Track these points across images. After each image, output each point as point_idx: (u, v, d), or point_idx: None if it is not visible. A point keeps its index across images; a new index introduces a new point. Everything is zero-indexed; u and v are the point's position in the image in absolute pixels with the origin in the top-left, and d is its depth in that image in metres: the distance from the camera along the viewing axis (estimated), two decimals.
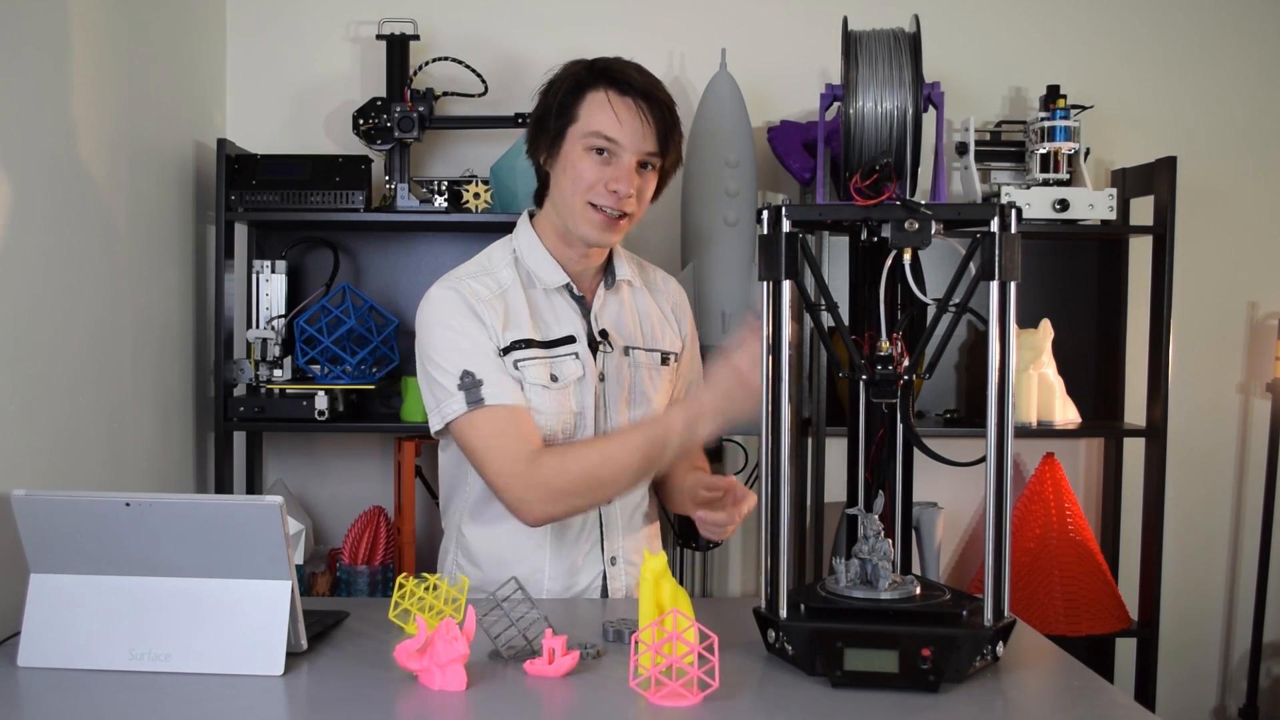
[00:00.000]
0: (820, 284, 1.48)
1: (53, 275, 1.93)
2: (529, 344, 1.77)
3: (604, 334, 1.83)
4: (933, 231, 1.41)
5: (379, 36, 2.69)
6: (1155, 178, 2.73)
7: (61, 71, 1.98)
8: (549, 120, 1.76)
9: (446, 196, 2.63)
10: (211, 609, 1.41)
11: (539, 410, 1.76)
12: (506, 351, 1.76)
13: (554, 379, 1.78)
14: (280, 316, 2.67)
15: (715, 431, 1.68)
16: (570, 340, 1.81)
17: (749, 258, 2.60)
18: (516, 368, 1.76)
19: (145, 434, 2.34)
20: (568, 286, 1.82)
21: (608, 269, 1.87)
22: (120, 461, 2.21)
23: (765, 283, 1.45)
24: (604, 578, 1.84)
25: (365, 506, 2.71)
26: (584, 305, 1.83)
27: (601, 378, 1.82)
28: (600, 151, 1.72)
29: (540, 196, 1.85)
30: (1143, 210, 2.84)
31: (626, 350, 1.85)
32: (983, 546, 1.67)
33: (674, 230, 2.77)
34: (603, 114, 1.72)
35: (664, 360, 1.89)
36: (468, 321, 1.75)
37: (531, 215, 1.87)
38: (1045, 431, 2.75)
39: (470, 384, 1.72)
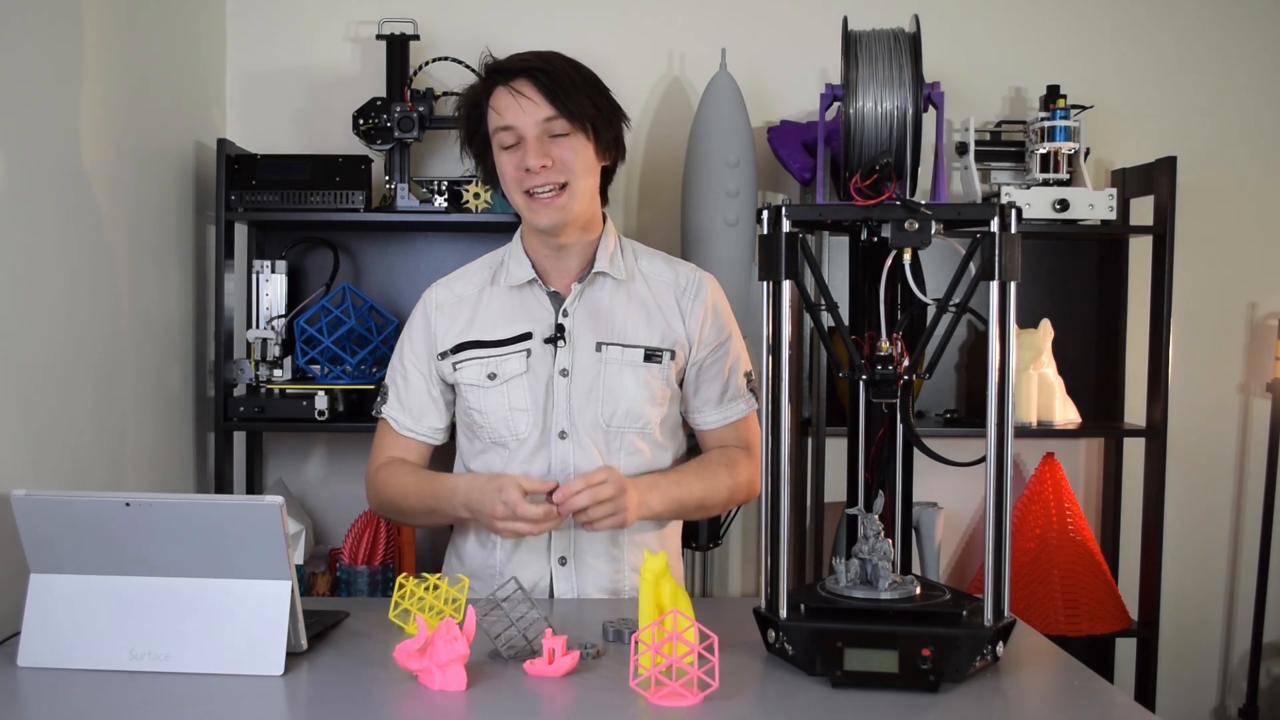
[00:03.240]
0: (820, 284, 1.48)
1: (53, 275, 1.93)
2: (474, 345, 1.85)
3: (560, 329, 1.82)
4: (933, 231, 1.41)
5: (379, 36, 2.69)
6: (1155, 178, 2.73)
7: (62, 72, 1.98)
8: (471, 144, 1.87)
9: (446, 196, 2.63)
10: (211, 609, 1.41)
11: (477, 410, 1.84)
12: (446, 355, 1.86)
13: (491, 376, 1.82)
14: (280, 316, 2.67)
15: (474, 519, 1.74)
16: (526, 336, 1.83)
17: (749, 258, 2.60)
18: (456, 369, 1.85)
19: (145, 434, 2.34)
20: (536, 282, 1.85)
21: (590, 263, 1.87)
22: (120, 461, 2.21)
23: (765, 283, 1.45)
24: (550, 578, 1.82)
25: (365, 507, 2.71)
26: (558, 300, 1.85)
27: (564, 373, 1.81)
28: (510, 146, 1.78)
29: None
30: (1143, 210, 2.84)
31: (599, 346, 1.83)
32: (983, 546, 1.67)
33: (674, 230, 2.77)
34: (492, 113, 1.80)
35: (649, 357, 1.84)
36: (415, 335, 1.91)
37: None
38: (1045, 431, 2.75)
39: (383, 395, 1.94)
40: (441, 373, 1.88)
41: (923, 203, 1.43)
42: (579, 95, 1.77)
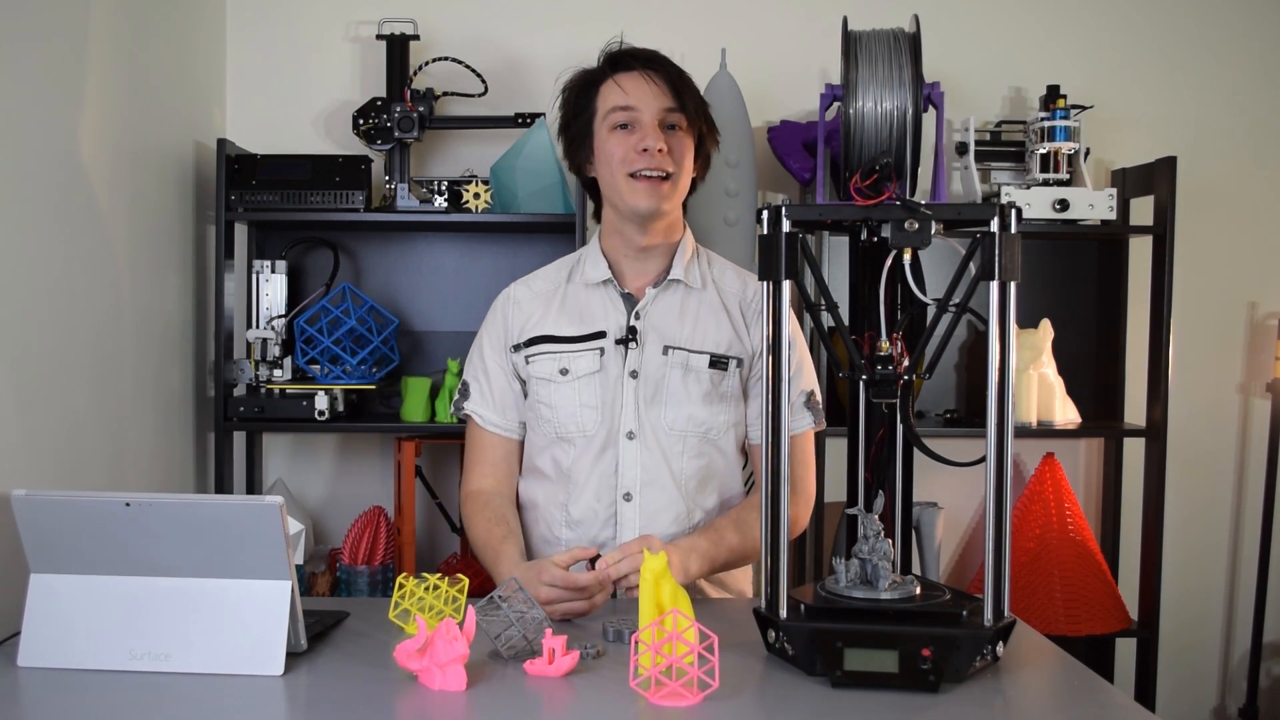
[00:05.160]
0: (820, 284, 1.48)
1: (53, 275, 1.93)
2: (546, 339, 1.87)
3: (633, 331, 1.84)
4: (933, 231, 1.41)
5: (379, 36, 2.69)
6: (1155, 178, 2.73)
7: (62, 72, 1.98)
8: (573, 124, 1.87)
9: (446, 196, 2.63)
10: (211, 609, 1.41)
11: (546, 404, 1.86)
12: (519, 348, 1.88)
13: (563, 372, 1.84)
14: (280, 316, 2.67)
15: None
16: (600, 335, 1.85)
17: (749, 258, 2.60)
18: (528, 362, 1.87)
19: (145, 434, 2.34)
20: (611, 283, 1.87)
21: (666, 268, 1.89)
22: (120, 461, 2.21)
23: (765, 283, 1.45)
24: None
25: (365, 506, 2.71)
26: (631, 302, 1.87)
27: (634, 374, 1.83)
28: (623, 126, 1.80)
29: (597, 209, 1.93)
30: (1143, 210, 2.84)
31: (665, 349, 1.84)
32: (983, 546, 1.67)
33: None
34: (612, 93, 1.82)
35: (715, 363, 1.85)
36: (492, 329, 1.93)
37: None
38: (1045, 431, 2.75)
39: (463, 392, 1.95)
40: (515, 365, 1.90)
41: (923, 203, 1.43)
42: (697, 98, 1.86)
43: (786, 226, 1.43)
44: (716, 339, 1.87)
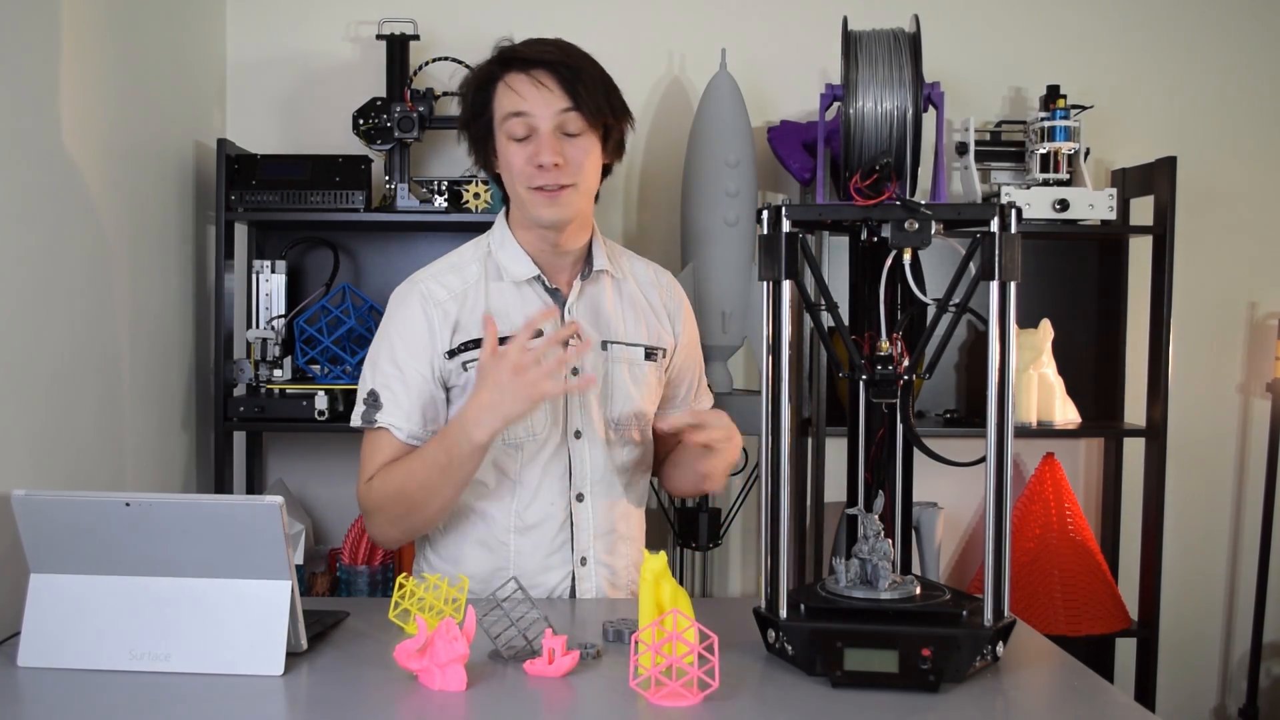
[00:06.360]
0: (820, 284, 1.48)
1: (52, 275, 1.93)
2: (480, 344, 1.74)
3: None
4: (933, 231, 1.41)
5: (379, 36, 2.69)
6: (1155, 178, 2.73)
7: (61, 72, 1.98)
8: (472, 125, 1.79)
9: (446, 196, 2.63)
10: (211, 609, 1.41)
11: None
12: (455, 353, 1.77)
13: None
14: (280, 316, 2.67)
15: (493, 428, 1.60)
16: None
17: (749, 258, 2.60)
18: (465, 369, 1.77)
19: (145, 434, 2.34)
20: (539, 279, 1.80)
21: (587, 261, 1.84)
22: (120, 461, 2.21)
23: (765, 283, 1.45)
24: (572, 579, 1.80)
25: None
26: (559, 298, 1.82)
27: (575, 372, 1.79)
28: (522, 138, 1.72)
29: (508, 202, 1.86)
30: (1143, 210, 2.84)
31: (604, 344, 1.81)
32: (983, 546, 1.67)
33: (674, 230, 2.77)
34: (507, 97, 1.73)
35: (649, 355, 1.85)
36: (410, 333, 1.77)
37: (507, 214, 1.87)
38: (1045, 431, 2.76)
39: (371, 403, 1.77)
40: (444, 373, 1.78)
41: (923, 203, 1.43)
42: (597, 94, 1.73)
43: (786, 226, 1.43)
44: (647, 330, 1.86)
